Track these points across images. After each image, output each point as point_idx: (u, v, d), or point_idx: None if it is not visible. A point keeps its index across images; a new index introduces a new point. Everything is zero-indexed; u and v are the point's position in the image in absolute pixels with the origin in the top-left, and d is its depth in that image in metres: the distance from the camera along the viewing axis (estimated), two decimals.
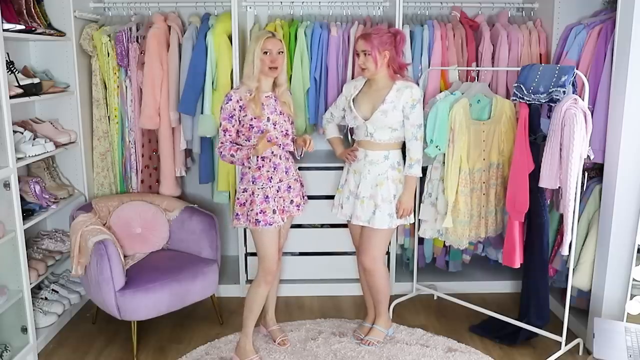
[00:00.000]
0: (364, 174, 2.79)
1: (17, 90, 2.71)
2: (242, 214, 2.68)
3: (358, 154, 2.82)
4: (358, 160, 2.82)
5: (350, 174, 2.87)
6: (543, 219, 2.81)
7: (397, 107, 2.70)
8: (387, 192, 2.77)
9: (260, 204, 2.62)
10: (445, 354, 2.87)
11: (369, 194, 2.78)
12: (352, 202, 2.86)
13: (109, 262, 2.72)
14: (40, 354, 2.89)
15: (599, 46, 2.86)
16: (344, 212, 2.90)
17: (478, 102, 2.98)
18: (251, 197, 2.65)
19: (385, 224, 2.77)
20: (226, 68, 3.29)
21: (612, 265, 2.74)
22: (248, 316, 2.75)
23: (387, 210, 2.77)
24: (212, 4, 3.56)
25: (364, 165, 2.79)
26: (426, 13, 3.65)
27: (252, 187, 2.65)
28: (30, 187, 3.00)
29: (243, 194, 2.68)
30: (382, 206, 2.76)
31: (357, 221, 2.82)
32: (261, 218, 2.61)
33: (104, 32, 3.33)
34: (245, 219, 2.67)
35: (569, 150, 2.51)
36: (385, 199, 2.77)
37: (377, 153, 2.77)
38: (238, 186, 2.75)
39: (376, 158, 2.78)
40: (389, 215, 2.77)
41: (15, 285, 2.71)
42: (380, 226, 2.77)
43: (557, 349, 2.82)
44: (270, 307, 3.01)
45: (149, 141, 3.54)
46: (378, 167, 2.77)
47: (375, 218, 2.77)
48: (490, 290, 3.64)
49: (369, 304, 3.08)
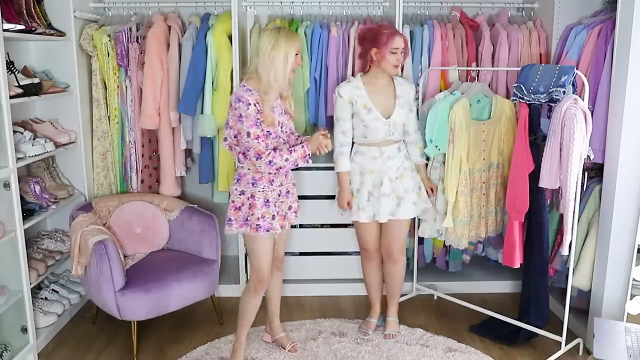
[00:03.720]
0: (384, 171, 2.82)
1: (17, 90, 2.71)
2: (236, 219, 2.51)
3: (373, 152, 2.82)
4: (374, 159, 2.82)
5: (367, 175, 2.83)
6: (543, 219, 2.81)
7: (406, 101, 2.82)
8: (409, 182, 2.87)
9: (260, 207, 2.47)
10: (445, 354, 2.87)
11: (391, 189, 2.82)
12: (373, 201, 2.84)
13: (109, 262, 2.72)
14: (40, 354, 2.89)
15: (599, 46, 2.86)
16: (367, 214, 2.85)
17: (478, 102, 2.98)
18: (250, 200, 2.49)
19: (412, 213, 2.89)
20: (226, 68, 3.29)
21: (612, 265, 2.73)
22: (241, 324, 2.69)
23: (411, 200, 2.86)
24: (212, 4, 3.56)
25: (383, 163, 2.82)
26: (426, 13, 3.64)
27: (252, 189, 2.48)
28: (30, 187, 3.00)
29: (240, 197, 2.51)
30: (407, 197, 2.85)
31: (384, 217, 2.82)
32: (261, 223, 2.47)
33: (104, 32, 3.33)
34: (241, 224, 2.50)
35: (569, 150, 2.51)
36: (408, 190, 2.86)
37: (391, 148, 2.84)
38: (233, 188, 2.54)
39: (392, 153, 2.84)
40: (414, 204, 2.88)
41: (15, 285, 2.71)
42: (407, 216, 2.87)
43: (557, 349, 2.82)
44: (275, 316, 2.93)
45: (149, 141, 3.54)
46: (395, 161, 2.84)
47: (400, 209, 2.84)
48: (490, 290, 3.64)
49: (377, 299, 3.10)
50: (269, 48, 2.36)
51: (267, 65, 2.36)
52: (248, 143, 2.37)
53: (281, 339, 2.94)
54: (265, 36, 2.40)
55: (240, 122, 2.37)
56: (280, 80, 2.39)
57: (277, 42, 2.35)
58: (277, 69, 2.37)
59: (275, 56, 2.35)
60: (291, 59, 2.38)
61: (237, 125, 2.39)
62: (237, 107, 2.38)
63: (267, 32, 2.42)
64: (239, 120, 2.38)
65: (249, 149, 2.38)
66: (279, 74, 2.38)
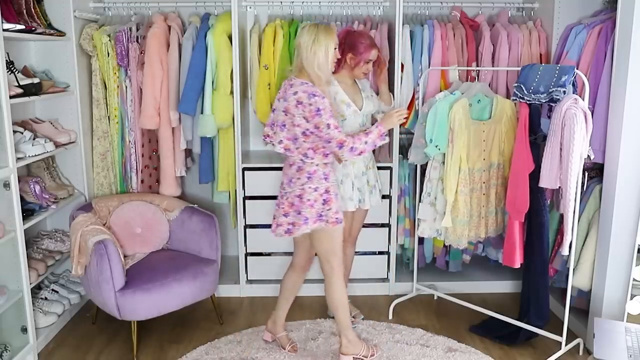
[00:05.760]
0: (364, 161, 2.98)
1: (17, 90, 2.71)
2: (311, 216, 2.55)
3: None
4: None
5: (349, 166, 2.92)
6: (543, 219, 2.81)
7: (368, 94, 3.00)
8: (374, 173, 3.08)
9: (335, 201, 2.60)
10: (445, 354, 2.87)
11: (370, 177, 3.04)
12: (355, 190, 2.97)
13: (109, 262, 2.72)
14: (40, 354, 2.89)
15: (599, 46, 2.86)
16: (354, 202, 2.97)
17: (478, 102, 2.98)
18: (325, 195, 2.56)
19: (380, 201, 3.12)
20: (226, 68, 3.29)
21: (612, 265, 2.73)
22: (343, 314, 2.71)
23: (378, 189, 3.09)
24: (212, 4, 3.56)
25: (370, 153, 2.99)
26: (426, 13, 3.65)
27: (326, 184, 2.57)
28: (30, 187, 3.00)
29: (314, 193, 2.55)
30: (376, 185, 3.08)
31: (368, 204, 3.03)
32: (339, 216, 2.61)
33: (104, 32, 3.33)
34: (315, 220, 2.56)
35: (569, 150, 2.51)
36: (375, 180, 3.08)
37: None
38: (305, 186, 2.55)
39: None
40: (380, 193, 3.12)
41: (15, 285, 2.71)
42: (379, 203, 3.11)
43: (557, 349, 2.82)
44: (284, 313, 2.95)
45: (149, 141, 3.54)
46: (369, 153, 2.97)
47: (374, 197, 3.05)
48: (490, 290, 3.64)
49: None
50: (310, 43, 2.49)
51: (310, 58, 2.48)
52: (329, 135, 2.46)
53: (282, 338, 2.94)
54: (305, 33, 2.52)
55: (319, 116, 2.44)
56: (325, 71, 2.51)
57: (317, 36, 2.49)
58: (320, 61, 2.49)
59: (317, 50, 2.48)
60: (331, 51, 2.51)
61: (314, 120, 2.45)
62: (312, 102, 2.44)
63: (305, 28, 2.53)
64: (317, 115, 2.44)
65: (330, 140, 2.47)
66: (323, 65, 2.50)
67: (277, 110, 2.59)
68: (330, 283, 2.70)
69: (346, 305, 2.75)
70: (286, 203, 2.59)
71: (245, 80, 3.61)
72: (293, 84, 2.52)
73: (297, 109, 2.47)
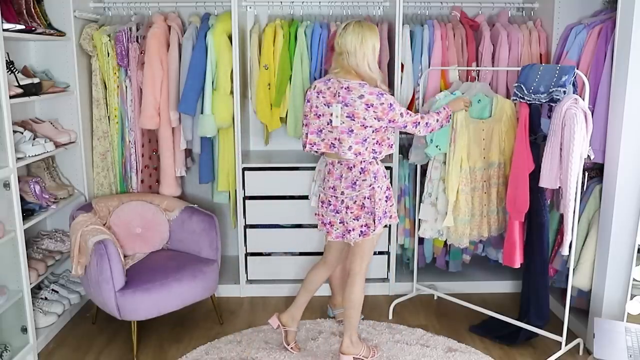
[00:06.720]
0: None
1: (17, 90, 2.71)
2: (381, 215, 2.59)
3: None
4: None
5: None
6: (543, 219, 2.81)
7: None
8: None
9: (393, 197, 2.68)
10: (445, 354, 2.87)
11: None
12: None
13: (109, 262, 2.72)
14: (40, 354, 2.89)
15: (599, 46, 2.86)
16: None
17: (479, 101, 2.98)
18: (387, 192, 2.62)
19: None
20: (226, 68, 3.29)
21: (612, 265, 2.73)
22: (356, 314, 2.72)
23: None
24: (212, 4, 3.56)
25: None
26: (426, 13, 3.65)
27: (387, 182, 2.63)
28: (30, 187, 3.00)
29: (380, 192, 2.59)
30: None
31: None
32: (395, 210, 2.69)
33: (104, 32, 3.33)
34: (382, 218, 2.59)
35: (569, 150, 2.51)
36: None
37: None
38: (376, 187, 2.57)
39: None
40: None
41: (15, 285, 2.71)
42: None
43: (557, 349, 2.82)
44: (302, 309, 2.91)
45: (149, 141, 3.54)
46: None
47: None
48: (490, 290, 3.64)
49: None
50: (357, 45, 2.50)
51: (361, 59, 2.50)
52: (404, 121, 2.56)
53: (291, 333, 2.88)
54: (349, 34, 2.51)
55: (392, 111, 2.50)
56: (375, 70, 2.55)
57: (363, 37, 2.50)
58: (369, 60, 2.52)
59: (365, 51, 2.51)
60: (377, 49, 2.56)
61: (388, 116, 2.50)
62: (383, 101, 2.48)
63: (349, 28, 2.52)
64: (391, 110, 2.50)
65: (406, 125, 2.58)
66: (372, 64, 2.54)
67: (325, 116, 2.56)
68: (355, 281, 2.70)
69: (360, 307, 2.74)
70: (354, 207, 2.58)
71: (245, 80, 3.61)
72: (350, 87, 2.51)
73: (368, 112, 2.48)
